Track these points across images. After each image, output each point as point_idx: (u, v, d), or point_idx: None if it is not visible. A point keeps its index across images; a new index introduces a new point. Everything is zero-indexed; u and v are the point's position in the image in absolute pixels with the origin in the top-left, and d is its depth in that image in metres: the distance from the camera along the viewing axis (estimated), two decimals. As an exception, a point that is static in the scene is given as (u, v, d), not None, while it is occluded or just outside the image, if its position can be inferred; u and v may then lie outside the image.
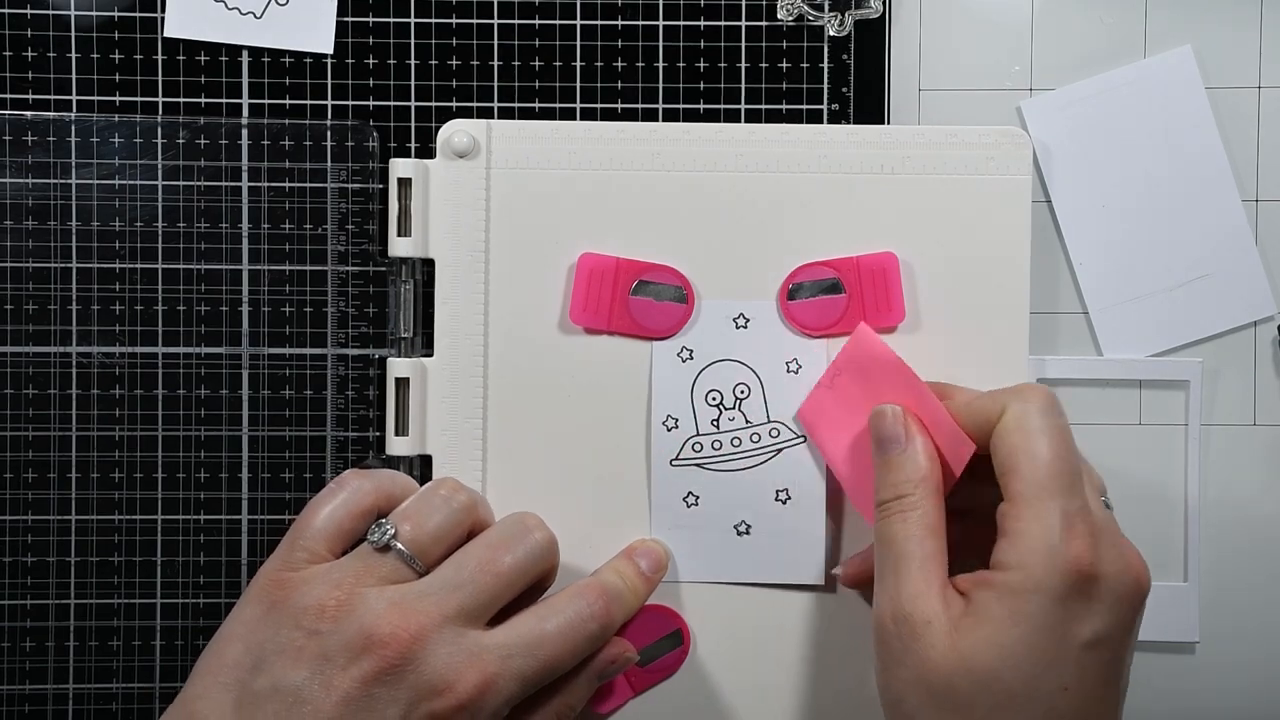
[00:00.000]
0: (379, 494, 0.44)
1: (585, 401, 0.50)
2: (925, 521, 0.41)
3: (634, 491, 0.50)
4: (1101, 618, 0.39)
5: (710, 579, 0.50)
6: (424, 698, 0.40)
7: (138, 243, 0.52)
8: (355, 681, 0.40)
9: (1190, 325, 0.52)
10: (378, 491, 0.44)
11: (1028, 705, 0.39)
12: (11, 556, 0.52)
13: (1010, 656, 0.39)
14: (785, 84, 0.52)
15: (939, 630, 0.40)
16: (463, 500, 0.45)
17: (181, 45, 0.52)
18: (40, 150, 0.51)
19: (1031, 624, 0.39)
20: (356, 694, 0.40)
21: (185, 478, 0.52)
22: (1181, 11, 0.52)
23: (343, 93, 0.52)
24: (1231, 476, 0.52)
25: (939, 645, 0.39)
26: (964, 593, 0.41)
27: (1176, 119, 0.52)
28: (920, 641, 0.40)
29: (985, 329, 0.50)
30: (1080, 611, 0.39)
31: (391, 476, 0.45)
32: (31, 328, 0.52)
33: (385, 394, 0.50)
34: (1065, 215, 0.52)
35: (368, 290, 0.52)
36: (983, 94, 0.52)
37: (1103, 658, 0.39)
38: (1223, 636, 0.52)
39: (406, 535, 0.43)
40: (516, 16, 0.52)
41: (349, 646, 0.40)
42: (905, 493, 0.42)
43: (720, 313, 0.50)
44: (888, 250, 0.50)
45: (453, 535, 0.44)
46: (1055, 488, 0.40)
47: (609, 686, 0.49)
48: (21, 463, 0.52)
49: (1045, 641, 0.39)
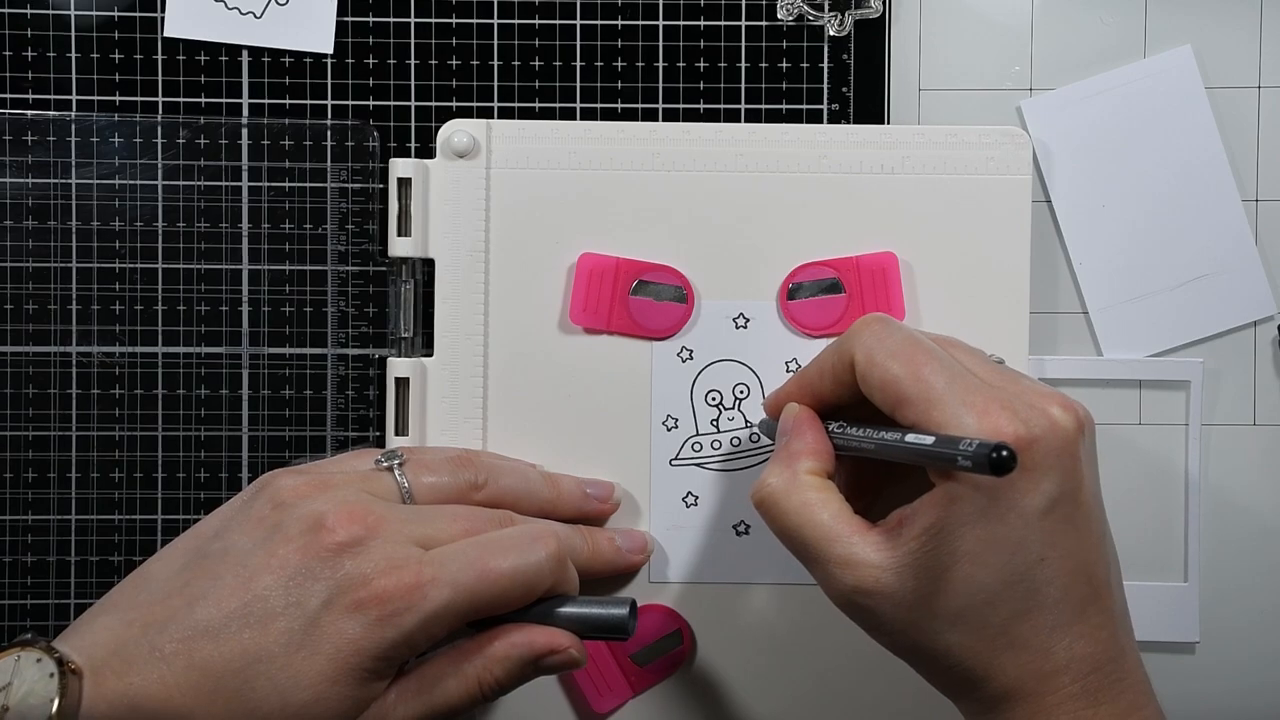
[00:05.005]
0: None
1: (585, 401, 0.50)
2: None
3: (634, 491, 0.50)
4: (1046, 479, 0.38)
5: (710, 579, 0.50)
6: (352, 586, 0.40)
7: (138, 243, 0.52)
8: (294, 552, 0.40)
9: (1190, 325, 0.52)
10: None
11: (1010, 594, 0.38)
12: (11, 556, 0.52)
13: (972, 560, 0.38)
14: (785, 84, 0.52)
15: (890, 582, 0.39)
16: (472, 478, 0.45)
17: (181, 45, 0.52)
18: (40, 150, 0.51)
19: (978, 520, 0.38)
20: (292, 565, 0.40)
21: (185, 478, 0.52)
22: (1181, 11, 0.52)
23: (343, 93, 0.52)
24: (1231, 476, 0.52)
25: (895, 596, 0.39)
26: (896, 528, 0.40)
27: (1176, 119, 0.52)
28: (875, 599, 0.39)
29: (985, 329, 0.50)
30: (1021, 485, 0.38)
31: None
32: (31, 328, 0.52)
33: (385, 394, 0.50)
34: (1065, 215, 0.52)
35: (368, 290, 0.52)
36: (983, 94, 0.52)
37: (1065, 514, 0.38)
38: (1223, 636, 0.52)
39: (410, 470, 0.44)
40: (516, 16, 0.52)
41: (301, 521, 0.41)
42: None
43: (720, 313, 0.50)
44: (888, 250, 0.50)
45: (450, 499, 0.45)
46: (936, 393, 0.39)
47: (609, 686, 0.49)
48: (21, 463, 0.52)
49: (1000, 530, 0.38)
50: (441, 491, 0.45)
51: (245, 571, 0.40)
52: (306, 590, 0.40)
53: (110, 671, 0.39)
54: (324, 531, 0.40)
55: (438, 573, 0.40)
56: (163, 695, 0.39)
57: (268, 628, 0.39)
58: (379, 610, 0.40)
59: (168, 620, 0.40)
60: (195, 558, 0.42)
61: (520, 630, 0.43)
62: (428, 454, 0.46)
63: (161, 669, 0.39)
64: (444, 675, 0.42)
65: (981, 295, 0.50)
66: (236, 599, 0.40)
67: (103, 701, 0.38)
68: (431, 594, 0.40)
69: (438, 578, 0.40)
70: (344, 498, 0.42)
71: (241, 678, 0.39)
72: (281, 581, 0.40)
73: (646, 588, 0.50)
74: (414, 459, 0.45)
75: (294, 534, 0.41)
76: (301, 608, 0.40)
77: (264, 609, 0.40)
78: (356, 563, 0.40)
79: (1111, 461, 0.52)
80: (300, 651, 0.39)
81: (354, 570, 0.40)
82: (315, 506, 0.41)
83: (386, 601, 0.40)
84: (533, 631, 0.43)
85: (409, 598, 0.40)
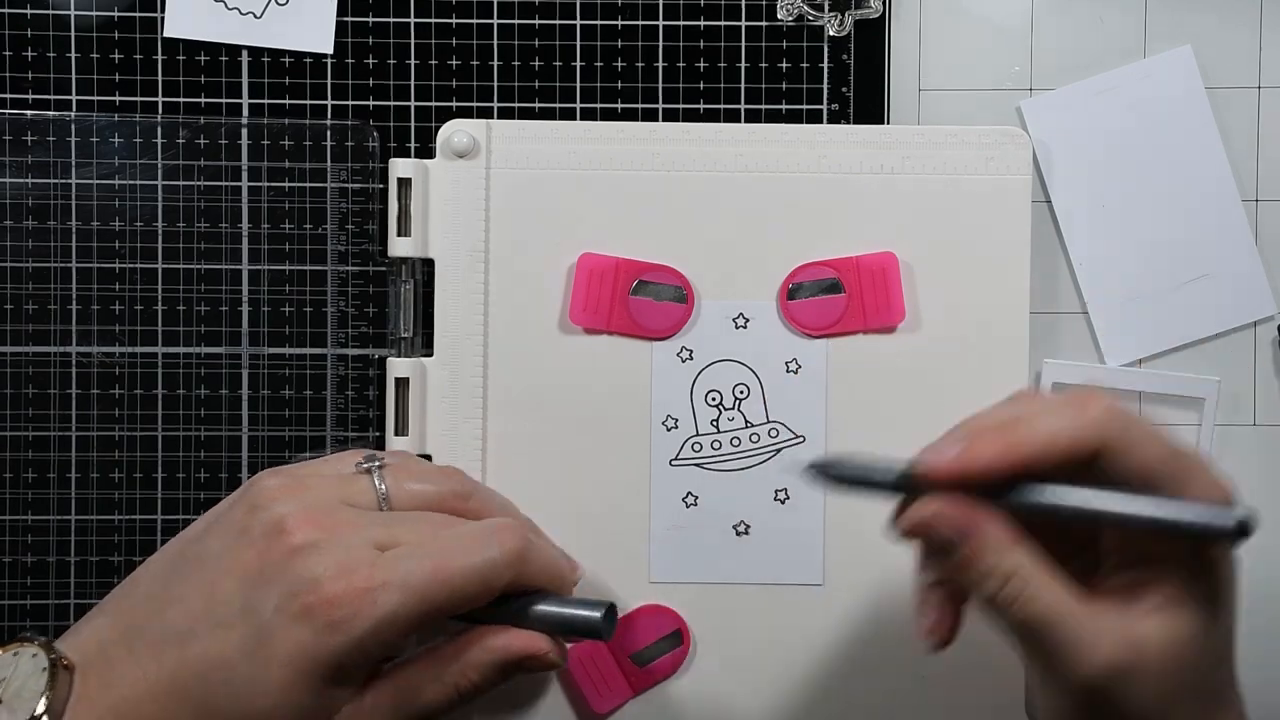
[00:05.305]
0: None
1: (585, 401, 0.50)
2: None
3: (634, 491, 0.50)
4: None
5: (709, 579, 0.50)
6: (303, 589, 0.39)
7: (138, 243, 0.52)
8: (255, 556, 0.40)
9: (1190, 325, 0.52)
10: None
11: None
12: (11, 556, 0.52)
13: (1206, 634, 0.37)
14: (785, 84, 0.52)
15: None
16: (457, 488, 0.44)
17: (181, 45, 0.52)
18: (40, 150, 0.51)
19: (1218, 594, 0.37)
20: (252, 569, 0.39)
21: (185, 478, 0.52)
22: (1181, 11, 0.52)
23: (343, 93, 0.52)
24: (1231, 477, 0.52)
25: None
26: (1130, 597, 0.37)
27: (1176, 119, 0.52)
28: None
29: (985, 329, 0.50)
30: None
31: None
32: (31, 328, 0.52)
33: (385, 394, 0.50)
34: (1065, 215, 0.52)
35: (368, 290, 0.52)
36: (983, 94, 0.52)
37: None
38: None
39: (389, 476, 0.43)
40: (516, 16, 0.52)
41: (264, 524, 0.40)
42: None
43: (720, 313, 0.50)
44: (888, 250, 0.50)
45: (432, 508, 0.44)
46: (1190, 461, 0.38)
47: (609, 686, 0.49)
48: (21, 463, 0.52)
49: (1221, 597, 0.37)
50: (423, 499, 0.43)
51: (211, 575, 0.40)
52: (261, 595, 0.39)
53: (95, 672, 0.39)
54: (283, 535, 0.40)
55: (389, 576, 0.39)
56: (135, 699, 0.39)
57: (228, 634, 0.39)
58: (326, 616, 0.38)
59: (145, 623, 0.40)
60: (178, 560, 0.41)
61: (497, 634, 0.42)
62: (414, 461, 0.45)
63: (137, 673, 0.39)
64: (421, 680, 0.41)
65: (981, 295, 0.50)
66: (201, 603, 0.40)
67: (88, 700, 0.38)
68: (381, 599, 0.39)
69: (388, 581, 0.39)
70: (310, 500, 0.41)
71: (204, 684, 0.39)
72: (241, 586, 0.39)
73: (646, 588, 0.50)
74: (397, 464, 0.44)
75: (257, 537, 0.40)
76: (256, 614, 0.39)
77: (225, 614, 0.39)
78: (308, 565, 0.39)
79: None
80: (256, 658, 0.39)
81: (304, 573, 0.39)
82: (280, 509, 0.40)
83: (335, 607, 0.38)
84: (510, 635, 0.42)
85: (357, 603, 0.39)
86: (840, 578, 0.50)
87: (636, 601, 0.50)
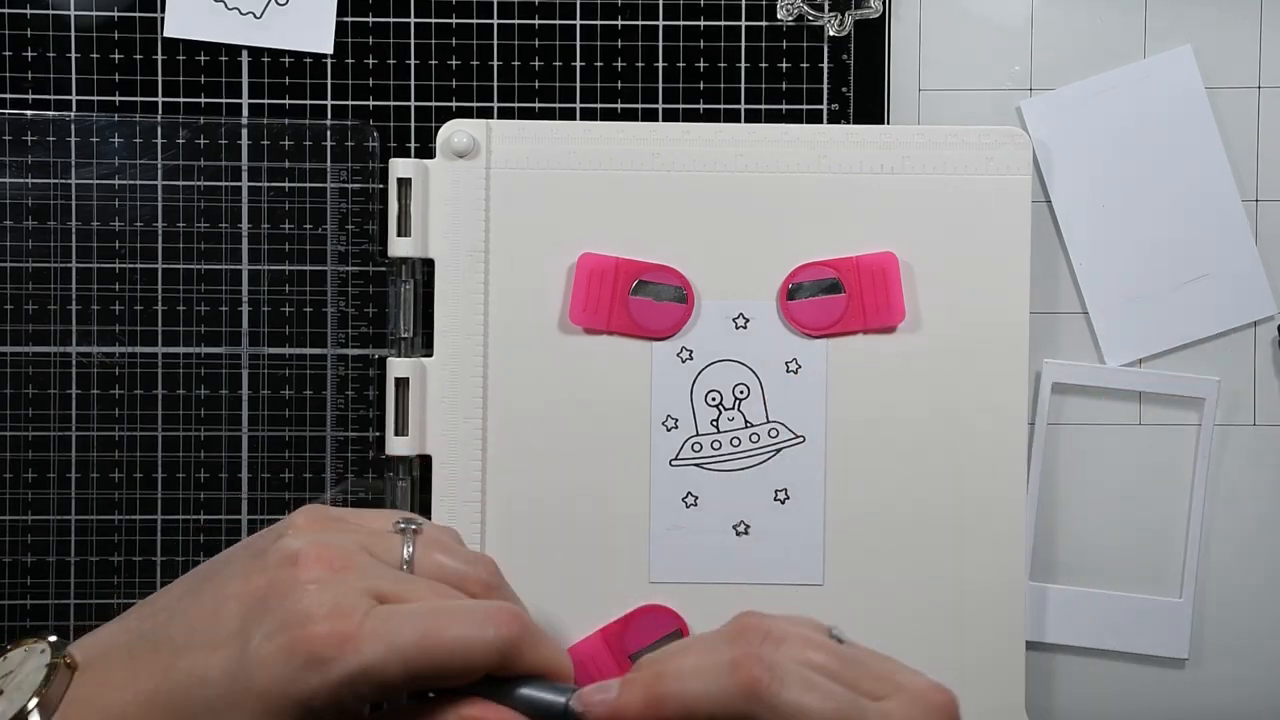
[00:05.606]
0: None
1: (585, 401, 0.50)
2: None
3: (634, 491, 0.50)
4: None
5: (709, 579, 0.50)
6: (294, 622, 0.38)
7: (138, 243, 0.52)
8: (263, 584, 0.39)
9: (1190, 325, 0.52)
10: None
11: None
12: (11, 556, 0.52)
13: None
14: (785, 84, 0.52)
15: None
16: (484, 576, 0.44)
17: (181, 45, 0.52)
18: (40, 150, 0.51)
19: None
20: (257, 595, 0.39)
21: (185, 478, 0.52)
22: (1181, 11, 0.52)
23: (343, 93, 0.52)
24: (1230, 477, 0.52)
25: None
26: None
27: (1176, 119, 0.52)
28: None
29: (985, 329, 0.50)
30: None
31: None
32: (31, 328, 0.52)
33: (385, 394, 0.50)
34: (1065, 215, 0.52)
35: (368, 290, 0.52)
36: (983, 94, 0.52)
37: None
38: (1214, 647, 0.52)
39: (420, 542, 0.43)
40: (516, 16, 0.52)
41: (279, 552, 0.40)
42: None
43: (720, 313, 0.50)
44: (888, 250, 0.50)
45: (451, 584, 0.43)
46: None
47: (609, 686, 0.49)
48: (21, 463, 0.52)
49: None
50: (446, 573, 0.43)
51: (222, 595, 0.40)
52: (256, 621, 0.39)
53: (95, 673, 0.39)
54: (294, 567, 0.39)
55: (377, 628, 0.38)
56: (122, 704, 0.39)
57: (216, 654, 0.39)
58: (307, 652, 0.38)
59: (150, 631, 0.40)
60: (203, 576, 0.42)
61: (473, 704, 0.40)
62: (450, 537, 0.44)
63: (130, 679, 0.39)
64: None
65: (981, 295, 0.50)
66: (204, 620, 0.39)
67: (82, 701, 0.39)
68: (365, 649, 0.38)
69: (376, 632, 0.38)
70: (331, 540, 0.41)
71: (187, 699, 0.39)
72: (242, 609, 0.39)
73: (646, 587, 0.50)
74: (433, 535, 0.43)
75: (270, 564, 0.40)
76: (247, 638, 0.39)
77: (221, 634, 0.39)
78: (304, 599, 0.39)
79: (1111, 463, 0.52)
80: (237, 682, 0.38)
81: (297, 607, 0.38)
82: (298, 542, 0.40)
83: (317, 645, 0.38)
84: (487, 709, 0.40)
85: (340, 648, 0.38)
86: (840, 578, 0.50)
87: (636, 601, 0.50)
